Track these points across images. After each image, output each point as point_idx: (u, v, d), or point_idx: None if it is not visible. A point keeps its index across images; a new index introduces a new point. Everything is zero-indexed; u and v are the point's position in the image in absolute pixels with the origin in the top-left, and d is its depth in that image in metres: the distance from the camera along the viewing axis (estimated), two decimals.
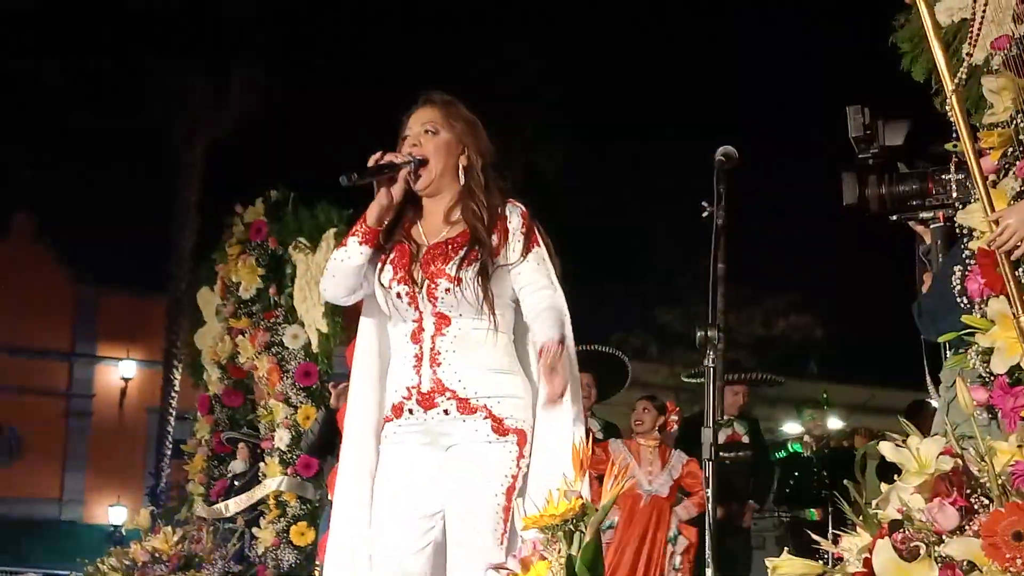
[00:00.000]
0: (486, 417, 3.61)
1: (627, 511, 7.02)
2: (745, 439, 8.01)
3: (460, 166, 3.77)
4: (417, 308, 3.70)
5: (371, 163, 3.70)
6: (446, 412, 3.64)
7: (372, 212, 3.74)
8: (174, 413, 22.05)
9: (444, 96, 3.84)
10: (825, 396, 9.93)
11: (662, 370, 23.10)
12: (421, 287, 3.68)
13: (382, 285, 3.76)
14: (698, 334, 3.43)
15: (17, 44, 22.96)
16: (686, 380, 8.80)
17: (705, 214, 3.52)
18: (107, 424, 25.11)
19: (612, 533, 6.98)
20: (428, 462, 3.68)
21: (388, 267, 3.76)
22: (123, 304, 25.08)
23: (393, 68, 22.82)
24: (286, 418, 7.03)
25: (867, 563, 2.35)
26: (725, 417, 7.83)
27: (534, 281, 3.72)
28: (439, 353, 3.66)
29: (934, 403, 3.86)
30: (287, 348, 7.18)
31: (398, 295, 3.72)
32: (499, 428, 3.61)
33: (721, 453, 7.69)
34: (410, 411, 3.69)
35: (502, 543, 3.56)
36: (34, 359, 24.68)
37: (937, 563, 2.27)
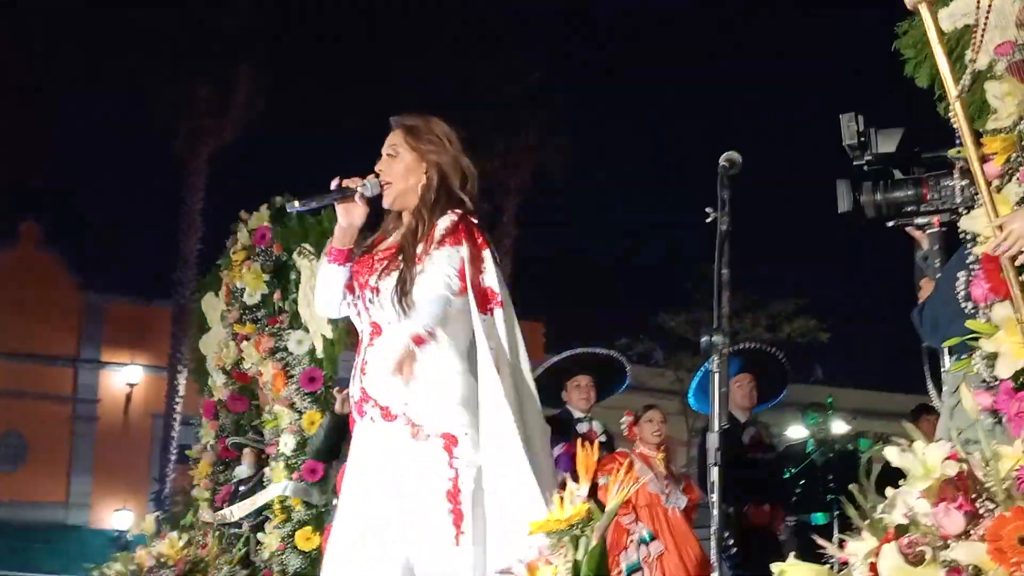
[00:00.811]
0: (406, 424, 3.70)
1: (658, 526, 6.97)
2: (767, 439, 7.95)
3: (420, 184, 3.89)
4: (362, 319, 3.88)
5: (333, 187, 3.88)
6: (372, 420, 3.77)
7: (336, 233, 3.93)
8: (179, 418, 22.11)
9: (410, 119, 3.97)
10: (831, 400, 9.89)
11: (667, 374, 23.11)
12: (358, 299, 3.87)
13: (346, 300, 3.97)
14: (703, 339, 3.43)
15: (23, 54, 23.01)
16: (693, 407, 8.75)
17: (709, 219, 3.52)
18: (112, 429, 25.15)
19: (656, 545, 6.91)
20: (376, 467, 3.80)
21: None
22: (129, 310, 25.15)
23: (399, 75, 22.87)
24: (291, 423, 7.02)
25: (873, 567, 2.35)
26: (744, 418, 7.77)
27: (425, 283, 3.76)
28: (366, 363, 3.81)
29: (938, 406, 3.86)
30: (292, 353, 7.17)
31: (349, 305, 3.93)
32: (418, 434, 3.68)
33: (750, 455, 7.71)
34: (355, 419, 3.88)
35: (458, 544, 3.62)
36: (40, 364, 24.73)
37: (943, 567, 2.27)
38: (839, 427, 12.10)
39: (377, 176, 3.90)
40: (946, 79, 2.92)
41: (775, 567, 2.56)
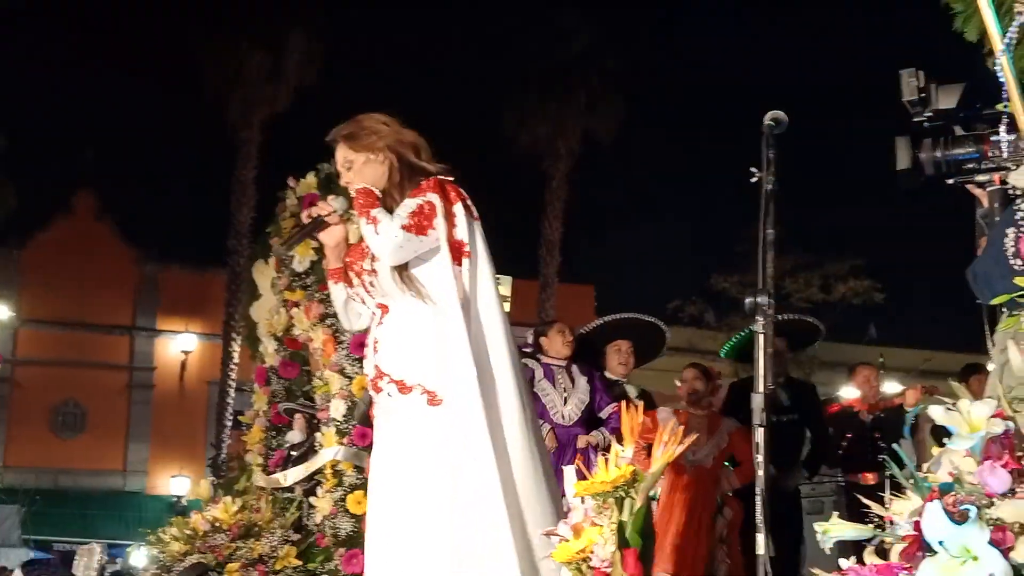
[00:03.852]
0: (422, 393, 3.85)
1: (668, 483, 6.93)
2: (787, 402, 7.94)
3: (384, 176, 4.04)
4: (368, 303, 4.09)
5: (305, 220, 4.16)
6: (389, 395, 3.93)
7: (327, 255, 4.21)
8: (233, 385, 22.30)
9: (344, 128, 4.14)
10: (882, 360, 9.84)
11: (719, 337, 22.98)
12: (359, 287, 4.09)
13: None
14: (747, 300, 3.41)
15: (74, 25, 23.16)
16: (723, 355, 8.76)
17: (754, 179, 3.49)
18: (168, 397, 25.43)
19: (655, 506, 6.91)
20: (391, 440, 3.95)
21: None
22: (183, 279, 25.37)
23: (448, 40, 22.84)
24: (341, 388, 7.04)
25: (917, 526, 2.33)
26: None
27: None
28: (378, 341, 4.00)
29: (990, 366, 3.81)
30: None
31: (355, 296, 4.15)
32: (433, 400, 3.83)
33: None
34: (372, 396, 4.05)
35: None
36: (97, 333, 25.03)
37: (988, 526, 2.25)
38: (892, 387, 12.05)
39: (340, 196, 4.16)
40: (992, 32, 2.87)
41: (818, 526, 2.55)
